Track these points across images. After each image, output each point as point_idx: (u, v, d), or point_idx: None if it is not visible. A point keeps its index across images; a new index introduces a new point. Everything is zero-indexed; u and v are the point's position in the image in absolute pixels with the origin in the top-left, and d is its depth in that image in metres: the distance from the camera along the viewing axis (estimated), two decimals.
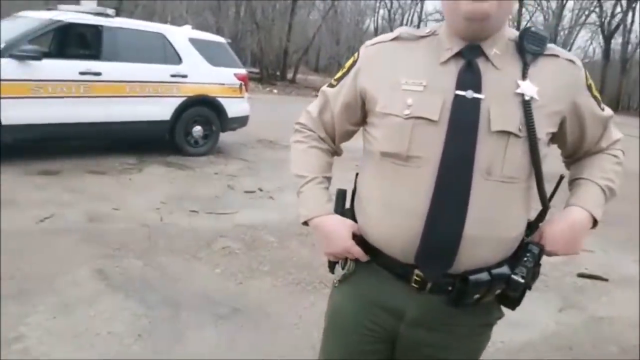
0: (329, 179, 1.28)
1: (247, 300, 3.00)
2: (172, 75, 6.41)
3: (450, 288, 1.09)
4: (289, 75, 25.44)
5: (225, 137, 7.30)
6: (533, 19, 39.58)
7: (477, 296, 1.09)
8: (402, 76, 1.09)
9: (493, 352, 2.64)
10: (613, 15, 36.16)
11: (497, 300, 1.16)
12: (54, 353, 2.31)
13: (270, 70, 24.63)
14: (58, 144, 6.04)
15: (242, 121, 7.29)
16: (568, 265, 4.00)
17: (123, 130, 6.14)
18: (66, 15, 5.94)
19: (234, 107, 7.04)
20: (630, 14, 35.19)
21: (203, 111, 6.80)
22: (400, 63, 1.12)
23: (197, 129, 6.76)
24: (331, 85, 1.26)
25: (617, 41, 36.59)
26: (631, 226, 5.45)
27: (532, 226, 1.17)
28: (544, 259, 1.15)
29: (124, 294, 2.90)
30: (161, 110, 6.35)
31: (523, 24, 39.00)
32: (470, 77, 1.05)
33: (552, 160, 1.23)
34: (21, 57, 5.15)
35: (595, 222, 1.15)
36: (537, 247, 1.12)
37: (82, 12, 6.16)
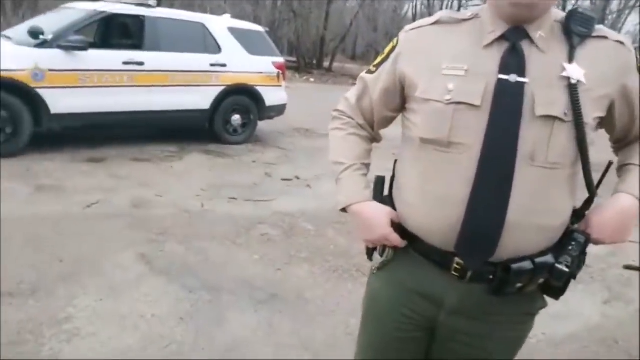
0: (367, 166, 1.27)
1: (286, 287, 3.04)
2: (212, 65, 6.48)
3: (491, 277, 1.07)
4: (326, 64, 25.34)
5: (263, 125, 7.36)
6: (579, 2, 38.24)
7: (519, 285, 1.06)
8: (443, 61, 1.08)
9: (535, 344, 2.61)
10: None
11: (540, 290, 1.13)
12: (101, 333, 2.40)
13: (307, 59, 24.61)
14: (103, 132, 6.23)
15: (279, 110, 7.32)
16: (614, 256, 3.90)
17: (165, 119, 6.26)
18: (110, 6, 6.08)
19: (271, 96, 7.06)
20: None
21: (242, 100, 6.85)
22: (441, 47, 1.10)
23: (236, 118, 6.83)
24: (370, 72, 1.25)
25: None
26: None
27: (579, 214, 1.14)
28: (590, 252, 1.11)
29: (167, 278, 2.98)
30: (201, 99, 6.44)
31: (569, 6, 37.82)
32: (514, 61, 1.03)
33: (600, 148, 1.20)
34: (68, 48, 5.29)
35: None
36: (582, 236, 1.09)
37: (125, 2, 6.29)
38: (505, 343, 1.19)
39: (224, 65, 6.57)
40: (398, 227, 1.17)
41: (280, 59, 7.38)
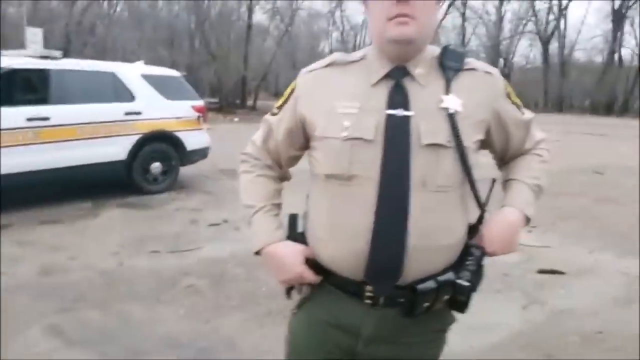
0: (278, 205, 1.31)
1: (217, 339, 2.89)
2: (126, 113, 6.26)
3: (402, 300, 1.12)
4: (249, 103, 25.47)
5: (186, 170, 7.17)
6: (476, 30, 41.63)
7: (427, 304, 1.13)
8: (337, 100, 1.15)
9: (463, 357, 2.64)
10: (548, 23, 39.36)
11: (447, 306, 1.19)
12: None
13: (230, 99, 24.62)
14: (8, 195, 5.78)
15: (202, 153, 7.17)
16: (528, 262, 4.14)
17: (77, 175, 5.91)
18: (10, 60, 5.76)
19: (192, 140, 6.92)
20: (562, 20, 38.48)
21: (161, 147, 6.66)
22: (335, 88, 1.18)
23: (156, 166, 6.60)
24: (273, 114, 1.30)
25: (554, 46, 39.42)
26: (585, 219, 5.70)
27: (474, 229, 1.22)
28: (504, 260, 1.20)
29: (82, 348, 2.74)
30: (116, 150, 6.18)
31: (468, 36, 41.44)
32: (399, 96, 1.12)
33: (486, 167, 1.29)
34: None
35: (528, 220, 1.22)
36: (478, 250, 1.17)
37: (28, 56, 5.99)
38: None
39: (139, 113, 6.37)
40: (313, 262, 1.19)
41: (200, 102, 7.29)
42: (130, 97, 6.37)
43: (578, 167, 9.11)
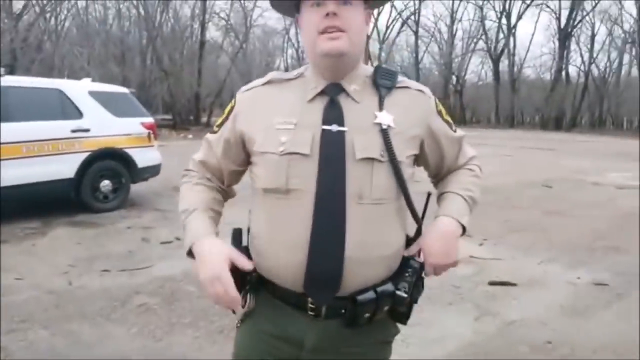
0: (217, 212, 1.29)
1: (169, 356, 2.88)
2: (73, 131, 6.15)
3: (343, 311, 1.14)
4: (204, 119, 25.23)
5: (138, 188, 7.06)
6: (428, 49, 42.77)
7: (367, 315, 1.14)
8: (275, 116, 1.18)
9: None
10: (498, 41, 40.45)
11: (389, 317, 1.21)
12: None
13: (184, 115, 24.38)
14: None
15: (153, 170, 7.09)
16: (479, 275, 4.23)
17: (23, 193, 5.77)
18: None
19: (143, 157, 6.84)
20: (511, 38, 39.57)
21: (110, 164, 6.57)
22: (272, 105, 1.20)
23: (106, 183, 6.50)
24: (213, 132, 1.31)
25: (504, 64, 40.45)
26: (535, 231, 5.84)
27: (412, 242, 1.25)
28: (455, 273, 1.22)
29: None
30: (64, 168, 6.05)
31: (421, 54, 42.29)
32: (333, 112, 1.15)
33: (423, 183, 1.34)
34: None
35: (464, 230, 1.24)
36: (417, 262, 1.20)
37: None
38: None
39: (87, 130, 6.27)
40: (257, 275, 1.19)
41: (150, 119, 7.23)
42: (77, 114, 6.27)
43: (528, 181, 9.39)
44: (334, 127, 1.13)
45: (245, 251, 1.23)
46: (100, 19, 28.06)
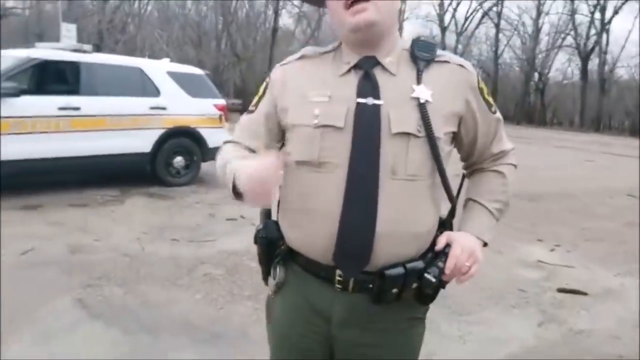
0: None
1: (229, 325, 3.01)
2: (151, 108, 6.49)
3: (371, 285, 1.13)
4: None
5: (206, 166, 7.34)
6: (510, 43, 40.72)
7: (395, 291, 1.13)
8: (309, 90, 1.17)
9: None
10: (588, 37, 37.34)
11: (414, 298, 1.18)
12: None
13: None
14: (39, 178, 6.05)
15: None
16: (547, 280, 4.05)
17: (104, 164, 6.17)
18: (43, 52, 6.03)
19: (214, 137, 7.04)
20: (604, 35, 36.37)
21: (183, 142, 6.87)
22: (306, 78, 1.20)
23: (178, 160, 6.82)
24: (250, 112, 1.30)
25: (594, 62, 37.46)
26: (614, 243, 5.43)
27: (446, 222, 1.24)
28: (522, 276, 1.16)
29: (105, 322, 2.91)
30: (141, 142, 6.41)
31: (501, 48, 40.02)
32: (368, 86, 1.13)
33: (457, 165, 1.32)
34: None
35: (485, 244, 1.21)
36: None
37: (60, 49, 6.25)
38: (398, 349, 1.22)
39: (164, 108, 6.59)
40: (287, 247, 1.21)
41: (222, 101, 7.47)
42: (156, 92, 6.59)
43: (611, 189, 8.84)
44: (369, 100, 1.11)
45: (275, 225, 1.25)
46: (180, 4, 29.12)
